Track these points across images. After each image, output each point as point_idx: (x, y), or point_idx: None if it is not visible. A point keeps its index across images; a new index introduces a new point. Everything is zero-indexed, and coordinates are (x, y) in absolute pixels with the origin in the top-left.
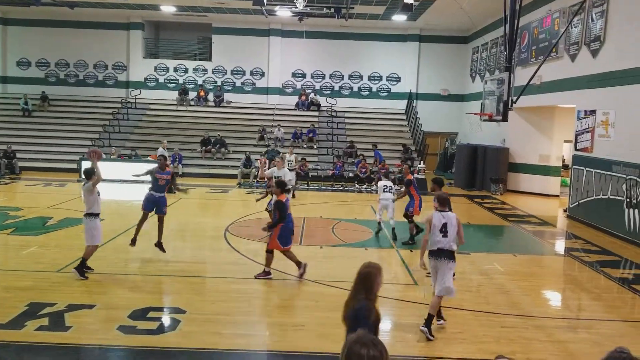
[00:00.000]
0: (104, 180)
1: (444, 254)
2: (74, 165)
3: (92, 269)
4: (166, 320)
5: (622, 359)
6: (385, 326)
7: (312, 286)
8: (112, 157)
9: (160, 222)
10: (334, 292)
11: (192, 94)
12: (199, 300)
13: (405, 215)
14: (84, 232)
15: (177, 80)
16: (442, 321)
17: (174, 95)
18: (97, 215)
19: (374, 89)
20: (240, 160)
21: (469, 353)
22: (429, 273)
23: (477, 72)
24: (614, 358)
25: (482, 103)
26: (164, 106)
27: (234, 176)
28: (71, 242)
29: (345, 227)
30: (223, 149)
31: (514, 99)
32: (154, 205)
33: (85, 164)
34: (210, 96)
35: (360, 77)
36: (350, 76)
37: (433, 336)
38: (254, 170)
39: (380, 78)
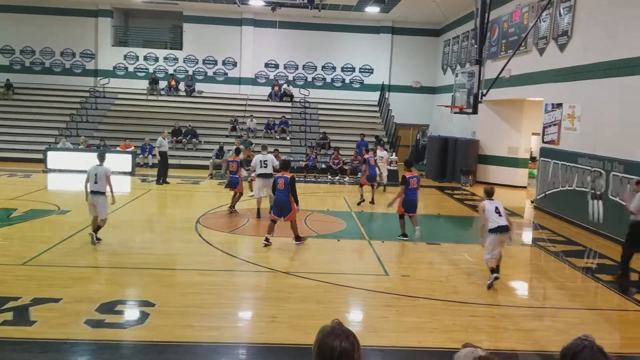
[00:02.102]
0: (71, 171)
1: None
2: (40, 156)
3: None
4: (135, 313)
5: (584, 347)
6: (356, 317)
7: (284, 278)
8: (80, 147)
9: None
10: (306, 284)
11: (162, 84)
12: (169, 292)
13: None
14: (99, 207)
15: (147, 69)
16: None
17: (144, 84)
18: (105, 193)
19: (347, 81)
20: (213, 151)
21: (438, 342)
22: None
23: (449, 65)
24: (577, 345)
25: (453, 95)
26: (133, 95)
27: (205, 167)
28: (36, 234)
29: (318, 218)
30: (194, 140)
31: (484, 91)
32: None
33: (52, 154)
34: (182, 86)
35: (334, 68)
36: (323, 67)
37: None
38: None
39: (353, 69)
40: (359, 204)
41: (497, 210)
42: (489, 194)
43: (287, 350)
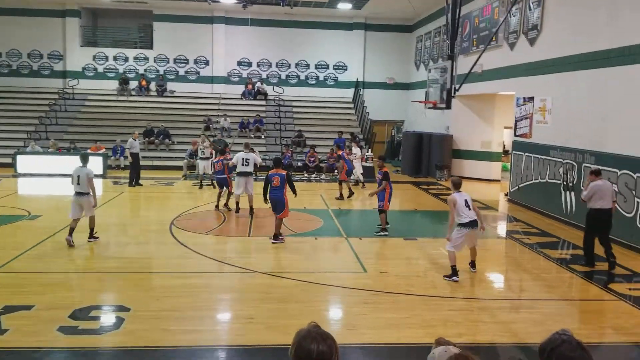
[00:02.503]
0: (41, 175)
1: (475, 223)
2: (9, 160)
3: (99, 238)
4: (110, 318)
5: (563, 341)
6: (335, 315)
7: (261, 278)
8: (49, 150)
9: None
10: (283, 283)
11: (133, 84)
12: (144, 296)
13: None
14: (81, 208)
15: (117, 69)
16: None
17: (114, 85)
18: (88, 193)
19: (321, 78)
20: (187, 151)
21: (417, 337)
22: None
23: (422, 61)
24: (555, 340)
25: (426, 91)
26: (103, 96)
27: (179, 168)
28: (7, 240)
29: (295, 216)
30: (167, 140)
31: (457, 87)
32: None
33: (21, 158)
34: (153, 85)
35: (307, 65)
36: (297, 65)
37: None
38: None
39: (327, 67)
40: (337, 198)
41: (466, 204)
42: (457, 186)
43: (265, 351)
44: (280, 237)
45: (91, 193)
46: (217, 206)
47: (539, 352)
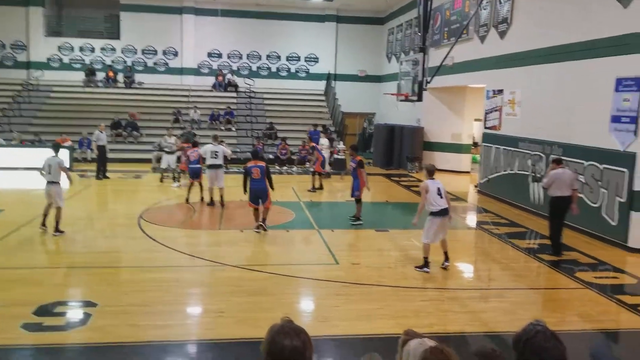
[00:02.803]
0: (5, 168)
1: (446, 212)
2: None
3: (65, 232)
4: (76, 314)
5: (537, 332)
6: (307, 307)
7: (232, 271)
8: (13, 143)
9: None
10: (254, 276)
11: (100, 75)
12: (112, 291)
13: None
14: (50, 197)
15: (84, 60)
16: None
17: (80, 76)
18: (59, 182)
19: (293, 70)
20: (155, 143)
21: (389, 328)
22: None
23: (393, 53)
24: (530, 331)
25: (398, 83)
26: (69, 88)
27: (147, 160)
28: None
29: None
30: (135, 133)
31: (428, 79)
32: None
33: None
34: (120, 77)
35: (279, 57)
36: (268, 56)
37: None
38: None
39: (299, 59)
40: (310, 190)
41: (439, 192)
42: (431, 173)
43: (236, 345)
44: (262, 226)
45: (62, 180)
46: (187, 199)
47: (513, 343)
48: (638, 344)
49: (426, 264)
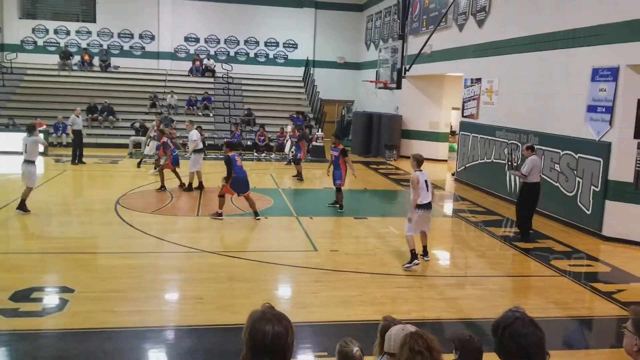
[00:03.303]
0: None
1: (431, 205)
2: None
3: (30, 211)
4: (52, 300)
5: (516, 318)
6: (285, 294)
7: (210, 257)
8: None
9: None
10: (233, 263)
11: (75, 59)
12: (89, 277)
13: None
14: (24, 176)
15: (58, 43)
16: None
17: (55, 59)
18: (34, 162)
19: (271, 56)
20: (134, 124)
21: (367, 315)
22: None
23: (372, 41)
24: (508, 318)
25: (377, 71)
26: (44, 71)
27: (124, 145)
28: None
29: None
30: (111, 117)
31: (407, 67)
32: None
33: None
34: (96, 60)
35: (257, 42)
36: (246, 42)
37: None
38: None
39: (277, 44)
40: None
41: (426, 184)
42: (420, 163)
43: (215, 331)
44: (218, 213)
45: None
46: (183, 184)
47: (492, 330)
48: (611, 331)
49: (414, 256)
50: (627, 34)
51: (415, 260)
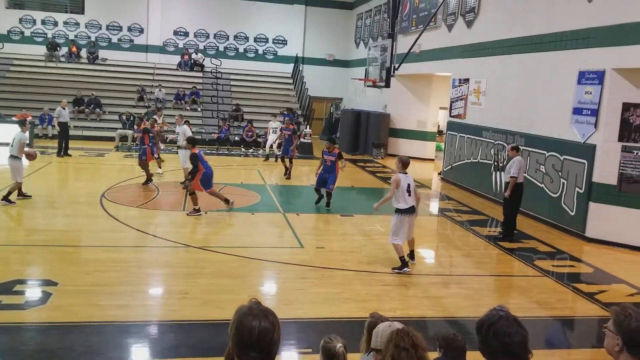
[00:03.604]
0: None
1: (414, 210)
2: None
3: (15, 202)
4: (35, 293)
5: (500, 317)
6: (271, 290)
7: (196, 252)
8: None
9: None
10: (219, 258)
11: (63, 50)
12: (73, 270)
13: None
14: (13, 171)
15: (46, 34)
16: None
17: (42, 50)
18: (20, 158)
19: (260, 51)
20: (121, 120)
21: (352, 312)
22: None
23: (362, 39)
24: (493, 316)
25: (366, 69)
26: (30, 62)
27: (111, 139)
28: None
29: (231, 191)
30: (98, 110)
31: (396, 66)
32: None
33: None
34: (83, 52)
35: (246, 38)
36: (235, 37)
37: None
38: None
39: (267, 40)
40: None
41: (408, 189)
42: (405, 165)
43: (200, 326)
44: (195, 210)
45: (22, 156)
46: (150, 180)
47: (476, 328)
48: (593, 331)
49: (404, 264)
50: (614, 38)
51: (406, 268)
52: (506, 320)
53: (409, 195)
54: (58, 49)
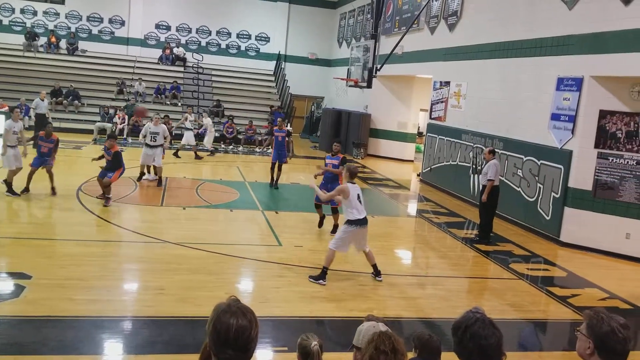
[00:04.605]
0: None
1: (366, 221)
2: None
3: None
4: (8, 286)
5: (476, 320)
6: (248, 287)
7: (174, 249)
8: None
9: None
10: (196, 255)
11: (42, 40)
12: (47, 264)
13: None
14: (5, 159)
15: (24, 23)
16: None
17: (20, 39)
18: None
19: (243, 48)
20: (100, 114)
21: (328, 311)
22: None
23: (344, 39)
24: (469, 319)
25: (348, 69)
26: (8, 51)
27: (89, 131)
28: None
29: (210, 187)
30: (76, 102)
31: (378, 66)
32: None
33: None
34: (63, 43)
35: (229, 34)
36: (218, 32)
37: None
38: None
39: (249, 37)
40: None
41: (359, 198)
42: (353, 175)
43: (176, 322)
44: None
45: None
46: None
47: (452, 330)
48: (564, 334)
49: (323, 275)
50: (592, 46)
51: (321, 281)
52: (482, 322)
53: (361, 204)
54: (37, 38)
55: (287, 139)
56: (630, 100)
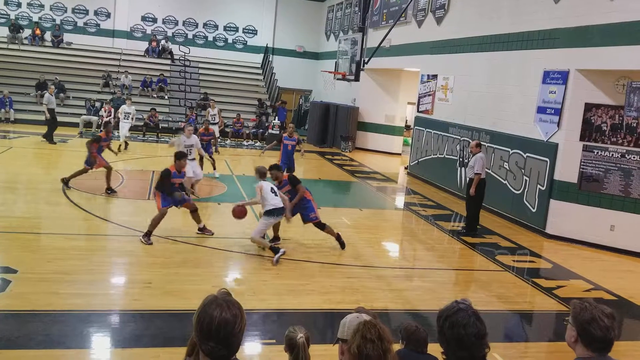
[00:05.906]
0: None
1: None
2: None
3: None
4: None
5: (459, 309)
6: (235, 280)
7: (161, 242)
8: None
9: None
10: (184, 248)
11: (26, 32)
12: (33, 258)
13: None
14: None
15: (8, 15)
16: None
17: (4, 31)
18: None
19: (230, 40)
20: (86, 107)
21: (316, 304)
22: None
23: (332, 31)
24: (452, 308)
25: (336, 62)
26: None
27: (74, 124)
28: None
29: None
30: (61, 94)
31: (366, 60)
32: None
33: None
34: (48, 35)
35: (216, 26)
36: (205, 25)
37: None
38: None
39: (237, 29)
40: None
41: (272, 190)
42: (262, 175)
43: (163, 316)
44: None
45: None
46: None
47: (437, 319)
48: (550, 325)
49: (276, 250)
50: (578, 40)
51: (278, 254)
52: (464, 312)
53: (275, 195)
54: (21, 30)
55: (297, 147)
56: (615, 94)
